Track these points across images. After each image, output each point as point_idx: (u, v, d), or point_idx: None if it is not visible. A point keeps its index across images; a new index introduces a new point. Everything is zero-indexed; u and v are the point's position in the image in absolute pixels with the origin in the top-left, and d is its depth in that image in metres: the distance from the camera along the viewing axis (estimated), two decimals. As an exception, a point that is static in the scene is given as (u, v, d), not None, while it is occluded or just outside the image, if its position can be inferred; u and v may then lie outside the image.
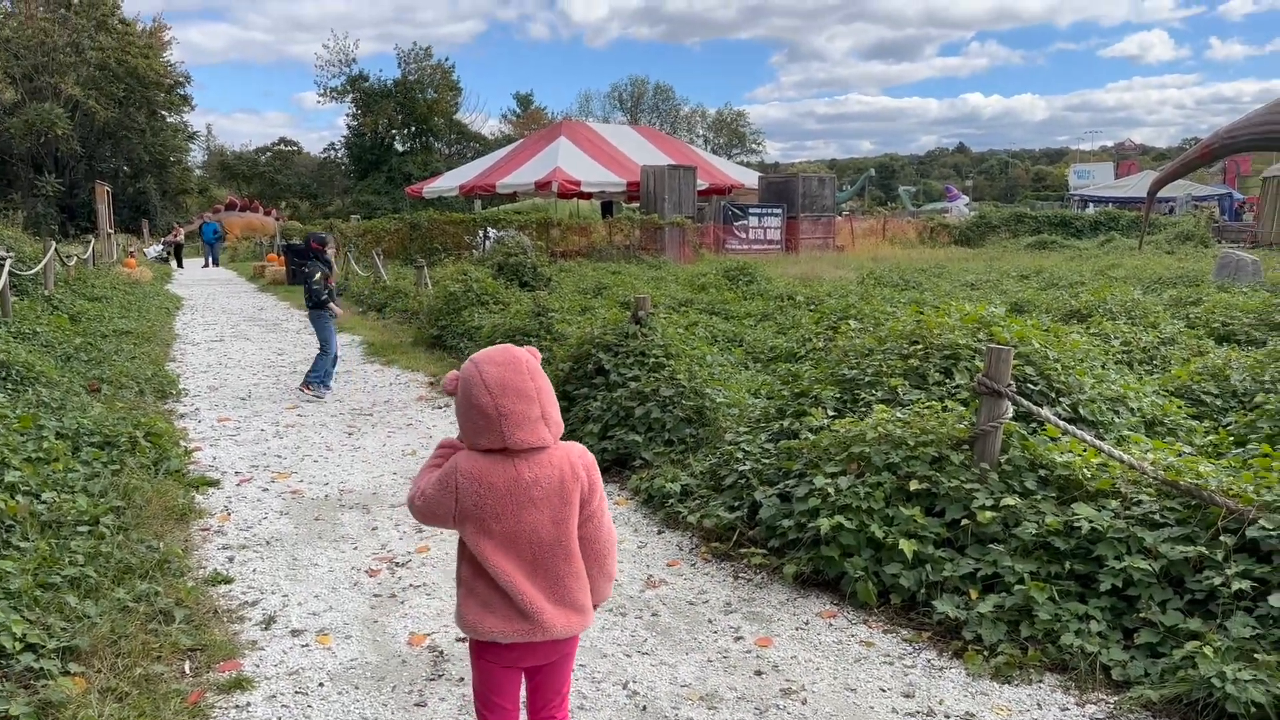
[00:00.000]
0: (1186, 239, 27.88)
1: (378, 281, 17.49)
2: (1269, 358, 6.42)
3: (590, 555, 2.34)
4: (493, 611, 2.26)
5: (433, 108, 54.05)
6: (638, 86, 79.26)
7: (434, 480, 2.28)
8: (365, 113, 53.33)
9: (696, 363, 6.78)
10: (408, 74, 53.97)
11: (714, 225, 27.45)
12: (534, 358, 2.31)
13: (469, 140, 58.12)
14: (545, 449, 2.26)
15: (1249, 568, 3.31)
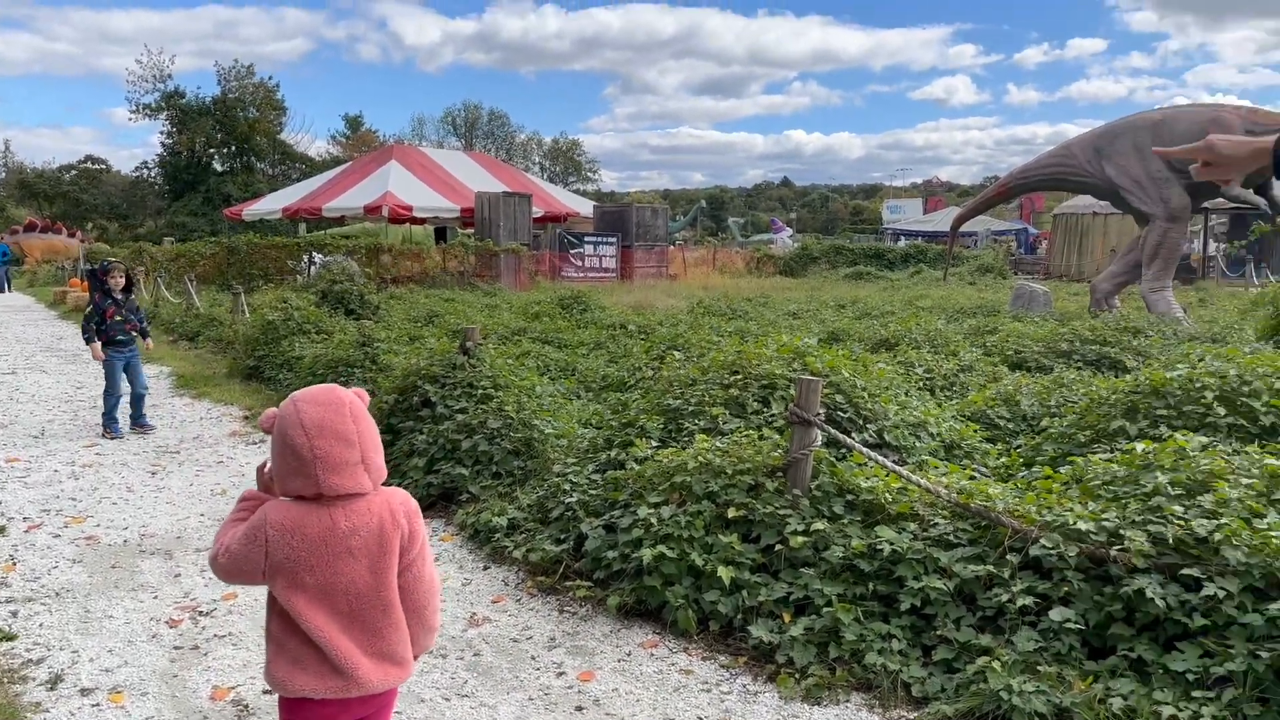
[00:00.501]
0: (987, 271, 30.07)
1: (190, 309, 16.58)
2: (1054, 384, 6.98)
3: (409, 606, 2.27)
4: (304, 668, 2.17)
5: (254, 127, 51.95)
6: (472, 112, 78.77)
7: (240, 535, 2.17)
8: (181, 130, 50.69)
9: (526, 394, 6.76)
10: (228, 91, 51.71)
11: (550, 253, 27.54)
12: (360, 400, 2.24)
13: (294, 161, 56.14)
14: (363, 496, 2.19)
15: (1033, 584, 3.58)
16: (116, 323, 8.16)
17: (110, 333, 8.15)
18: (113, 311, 8.16)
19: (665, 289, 23.89)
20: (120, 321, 8.17)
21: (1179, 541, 3.43)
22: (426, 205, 28.90)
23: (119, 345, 8.22)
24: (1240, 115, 13.92)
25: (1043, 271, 34.73)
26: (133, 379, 8.31)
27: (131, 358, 8.33)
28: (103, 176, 57.26)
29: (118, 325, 8.18)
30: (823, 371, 5.67)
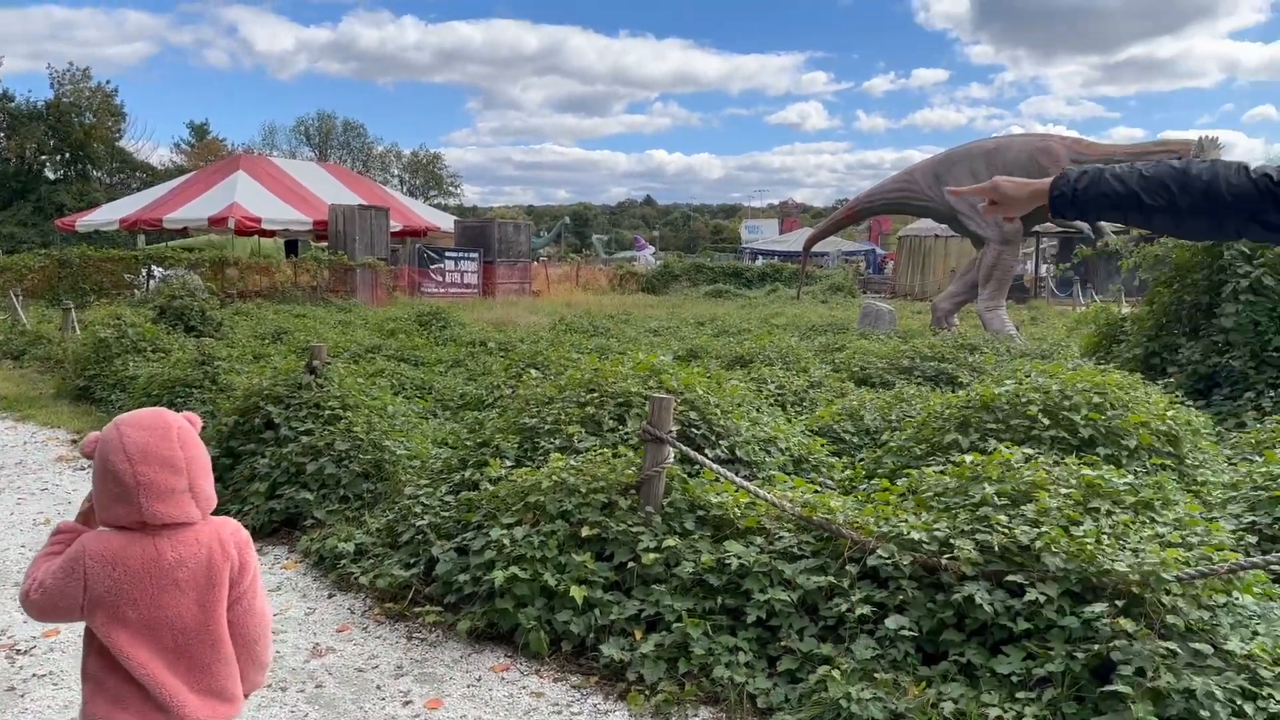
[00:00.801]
0: (838, 290, 31.26)
1: (16, 325, 15.44)
2: (895, 399, 7.30)
3: (239, 641, 2.17)
4: (125, 707, 2.04)
5: (91, 133, 48.97)
6: (326, 122, 76.54)
7: (55, 568, 2.03)
8: (9, 136, 47.30)
9: (377, 414, 6.58)
10: (62, 95, 48.59)
11: (409, 268, 27.00)
12: (191, 425, 2.14)
13: (134, 170, 53.21)
14: (191, 526, 2.09)
15: (870, 593, 3.71)
16: None
17: None
18: None
19: (528, 305, 23.78)
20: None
21: (1004, 549, 3.62)
22: (276, 217, 27.92)
23: None
24: (1066, 145, 14.97)
25: (889, 291, 36.35)
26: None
27: None
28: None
29: None
30: (678, 389, 5.74)
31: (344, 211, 25.91)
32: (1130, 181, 2.02)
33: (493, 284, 28.83)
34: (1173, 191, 1.98)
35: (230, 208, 26.66)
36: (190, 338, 12.15)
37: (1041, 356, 10.32)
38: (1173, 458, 5.30)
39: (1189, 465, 5.35)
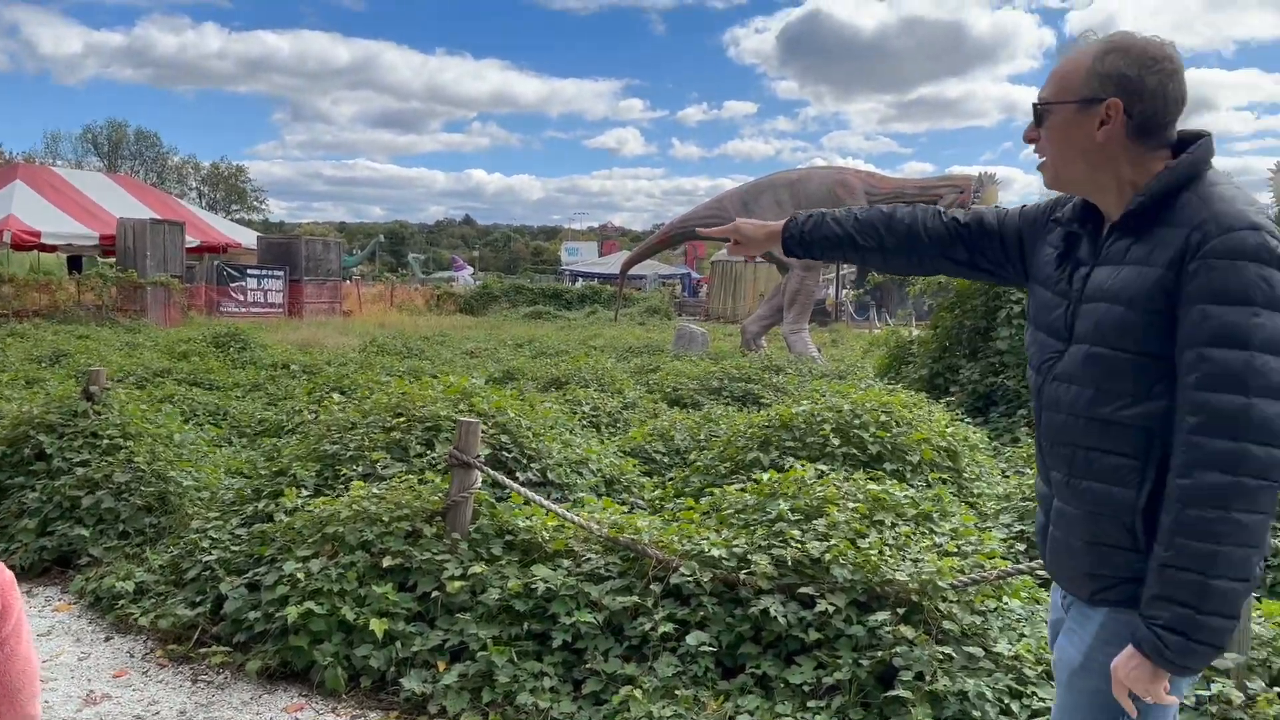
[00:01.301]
0: (654, 312, 31.92)
1: None
2: (704, 419, 7.50)
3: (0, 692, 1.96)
4: None
5: None
6: (117, 131, 71.45)
7: None
8: None
9: (162, 442, 6.15)
10: None
11: (206, 286, 25.52)
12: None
13: (-112, 175, 47.81)
14: None
15: (673, 611, 3.78)
16: None
17: None
18: None
19: (338, 326, 22.95)
20: None
21: (797, 563, 3.78)
22: (58, 231, 25.78)
23: None
24: (861, 178, 15.93)
25: (703, 314, 37.47)
26: None
27: None
28: None
29: None
30: (489, 412, 5.68)
31: (134, 226, 24.22)
32: (846, 225, 2.29)
33: (299, 303, 27.64)
34: (881, 233, 2.25)
35: (5, 220, 24.39)
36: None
37: (839, 377, 10.88)
38: (952, 472, 5.70)
39: (966, 478, 5.77)
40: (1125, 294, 1.81)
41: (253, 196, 77.93)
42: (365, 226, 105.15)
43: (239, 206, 74.11)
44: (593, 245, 69.52)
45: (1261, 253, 1.69)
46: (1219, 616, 1.68)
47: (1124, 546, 1.83)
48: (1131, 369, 1.80)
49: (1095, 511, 1.86)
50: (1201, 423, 1.69)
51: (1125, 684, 1.77)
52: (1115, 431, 1.82)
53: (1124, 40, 1.86)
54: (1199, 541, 1.68)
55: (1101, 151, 1.86)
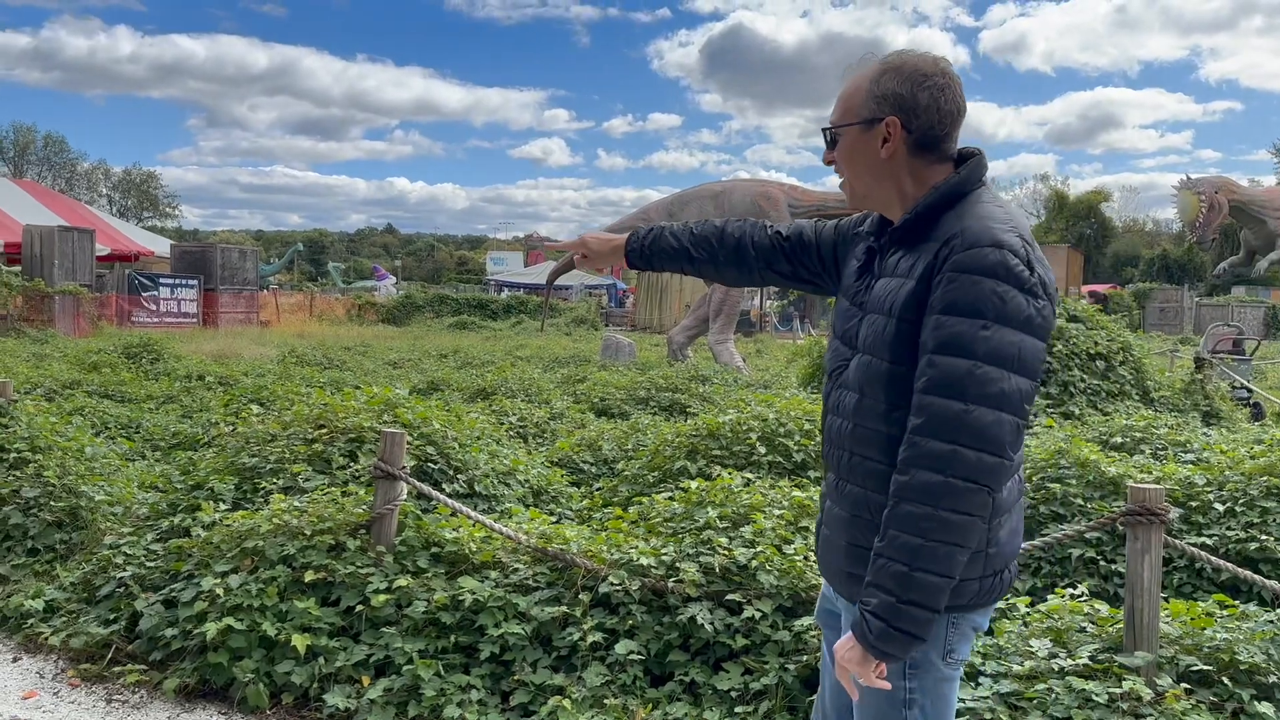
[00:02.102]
0: (581, 323, 31.91)
1: None
2: (631, 429, 7.53)
3: None
4: None
5: None
6: (23, 135, 68.66)
7: None
8: None
9: (73, 456, 5.94)
10: None
11: (117, 295, 24.70)
12: None
13: None
14: None
15: (602, 620, 3.79)
16: None
17: None
18: None
19: (255, 336, 22.41)
20: None
21: (724, 570, 3.82)
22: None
23: None
24: (784, 190, 16.21)
25: (630, 324, 37.58)
26: None
27: None
28: None
29: None
30: (414, 423, 5.61)
31: (41, 233, 23.35)
32: (683, 239, 2.41)
33: (215, 313, 26.95)
34: (714, 246, 2.38)
35: (-105, 224, 23.30)
36: None
37: (764, 386, 11.03)
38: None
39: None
40: (887, 305, 1.92)
41: (166, 203, 75.70)
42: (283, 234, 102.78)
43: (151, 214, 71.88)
44: (519, 255, 69.17)
45: (999, 269, 1.79)
46: (918, 607, 1.77)
47: None
48: (888, 377, 1.91)
49: (855, 514, 1.96)
50: (922, 424, 1.79)
51: (843, 665, 1.87)
52: (874, 437, 1.92)
53: (897, 60, 1.97)
54: (907, 535, 1.77)
55: (887, 168, 1.97)
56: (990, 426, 1.76)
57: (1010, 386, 1.77)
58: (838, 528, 2.02)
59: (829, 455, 2.07)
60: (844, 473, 2.00)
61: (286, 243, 74.64)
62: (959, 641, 1.95)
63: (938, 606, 1.79)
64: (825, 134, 2.05)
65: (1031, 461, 5.01)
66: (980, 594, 1.92)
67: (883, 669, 1.85)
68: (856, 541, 1.95)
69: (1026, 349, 1.79)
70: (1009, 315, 1.77)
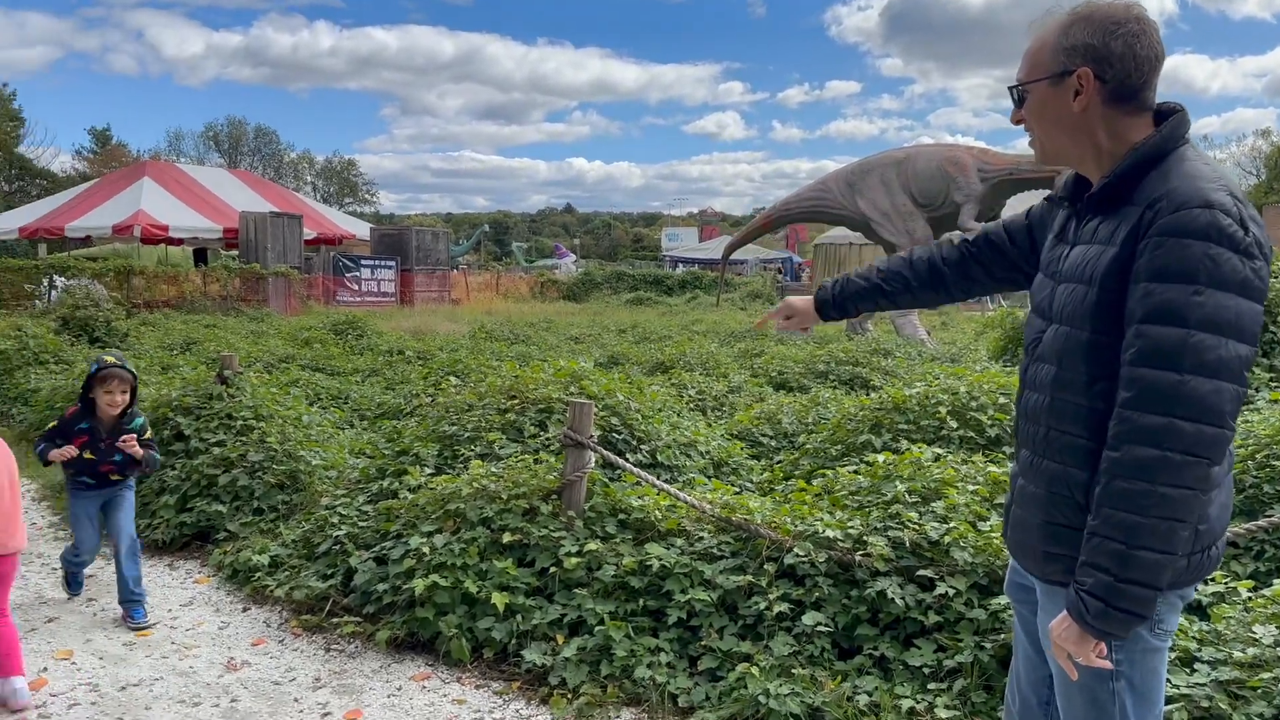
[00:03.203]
0: (756, 297, 31.68)
1: (-98, 337, 14.68)
2: (811, 402, 7.44)
3: None
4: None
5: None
6: (236, 128, 74.51)
7: None
8: (-103, 141, 44.95)
9: (292, 424, 6.45)
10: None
11: (323, 276, 26.48)
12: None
13: (34, 177, 51.03)
14: None
15: (788, 591, 3.79)
16: (86, 463, 4.54)
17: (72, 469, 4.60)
18: (83, 443, 4.48)
19: (447, 314, 23.53)
20: (93, 463, 4.54)
21: (915, 545, 3.74)
22: (184, 225, 27.15)
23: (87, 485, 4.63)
24: (973, 154, 15.48)
25: (808, 297, 36.93)
26: (114, 531, 4.62)
27: (113, 498, 4.66)
28: None
29: (88, 467, 4.56)
30: (598, 394, 5.77)
31: (255, 219, 25.30)
32: (872, 277, 2.45)
33: (410, 292, 28.44)
34: (905, 276, 2.40)
35: (136, 215, 25.82)
36: (95, 349, 11.72)
37: (951, 360, 10.64)
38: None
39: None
40: (1087, 273, 1.83)
41: (364, 189, 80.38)
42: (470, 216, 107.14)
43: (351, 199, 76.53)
44: (693, 231, 69.35)
45: (1210, 231, 1.68)
46: (1139, 585, 1.71)
47: (1076, 526, 1.84)
48: (1088, 348, 1.82)
49: (1052, 491, 1.90)
50: (1133, 397, 1.72)
51: (1060, 645, 1.83)
52: (1073, 411, 1.85)
53: (1086, 9, 1.86)
54: (1124, 512, 1.71)
55: (1080, 122, 1.88)
56: (1208, 396, 1.67)
57: (1228, 353, 1.68)
58: (1032, 506, 1.96)
59: (1024, 431, 2.01)
60: (1040, 449, 1.94)
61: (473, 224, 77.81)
62: (1167, 612, 1.88)
63: (1159, 584, 1.73)
64: (1013, 92, 1.98)
65: (1254, 438, 4.62)
66: (1189, 570, 1.85)
67: (1102, 648, 1.79)
68: (1054, 519, 1.90)
69: (1244, 313, 1.69)
70: (1223, 278, 1.68)
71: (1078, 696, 1.92)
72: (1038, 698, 2.12)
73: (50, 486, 6.83)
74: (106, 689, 3.77)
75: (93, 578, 5.10)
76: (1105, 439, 1.77)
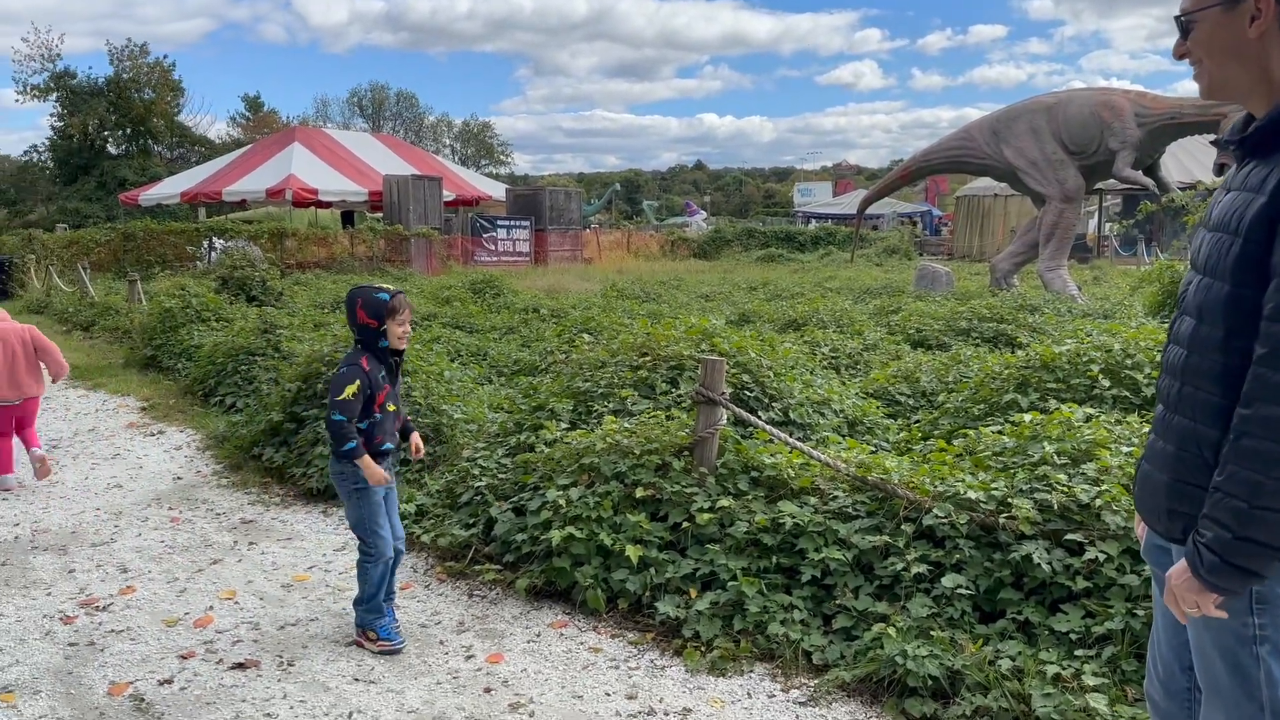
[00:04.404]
0: (893, 252, 30.78)
1: (85, 298, 15.92)
2: (952, 361, 7.21)
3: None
4: None
5: (150, 108, 49.84)
6: (378, 93, 76.91)
7: None
8: (72, 113, 48.29)
9: (435, 379, 6.69)
10: (121, 72, 49.47)
11: (462, 237, 27.21)
12: None
13: (193, 144, 54.09)
14: None
15: (926, 552, 3.70)
16: (388, 416, 3.93)
17: (377, 435, 3.89)
18: (385, 394, 3.89)
19: (579, 273, 23.85)
20: (393, 414, 3.99)
21: (1063, 508, 3.59)
22: (332, 188, 28.27)
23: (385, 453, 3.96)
24: (1130, 99, 14.52)
25: (946, 252, 35.76)
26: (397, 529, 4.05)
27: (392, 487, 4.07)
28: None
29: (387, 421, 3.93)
30: (730, 352, 5.74)
31: (398, 182, 26.14)
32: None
33: (544, 252, 28.93)
34: None
35: (287, 179, 27.05)
36: (252, 307, 12.42)
37: (1104, 316, 10.10)
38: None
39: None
40: (1234, 222, 1.73)
41: (499, 151, 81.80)
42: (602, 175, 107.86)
43: (487, 161, 78.08)
44: (827, 185, 67.83)
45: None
46: (1256, 544, 1.67)
47: (1202, 485, 1.78)
48: (1228, 302, 1.73)
49: (1181, 449, 1.84)
50: (1269, 354, 1.64)
51: (1175, 593, 1.80)
52: (1208, 367, 1.78)
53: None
54: (1249, 470, 1.66)
55: (1254, 49, 1.76)
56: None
57: None
58: (1161, 463, 1.91)
59: (1162, 386, 1.95)
60: (1173, 404, 1.88)
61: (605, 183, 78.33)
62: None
63: (1277, 544, 1.66)
64: (1179, 21, 1.86)
65: None
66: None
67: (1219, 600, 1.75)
68: (1181, 478, 1.84)
69: None
70: None
71: (1219, 662, 1.84)
72: (1180, 662, 2.03)
73: (213, 436, 7.31)
74: (266, 628, 4.03)
75: (252, 523, 5.44)
76: (1239, 396, 1.70)
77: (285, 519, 5.49)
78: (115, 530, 5.29)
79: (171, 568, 4.72)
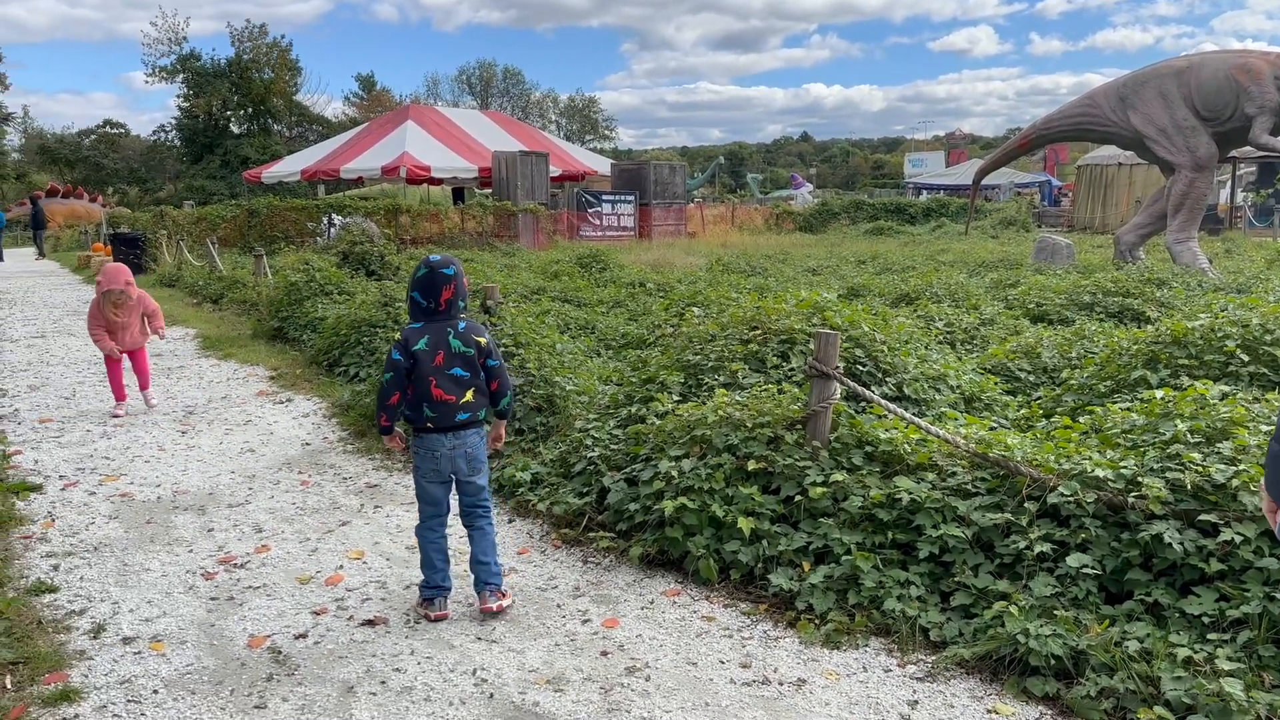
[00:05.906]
0: (1009, 224, 29.77)
1: (213, 272, 16.72)
2: (1075, 336, 6.97)
3: None
4: None
5: (270, 88, 51.79)
6: (486, 70, 78.12)
7: None
8: (197, 93, 50.56)
9: (547, 351, 6.82)
10: (242, 53, 51.49)
11: (568, 212, 27.50)
12: None
13: (311, 123, 56.05)
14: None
15: (1050, 531, 3.62)
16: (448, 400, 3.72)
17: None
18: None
19: (684, 247, 23.81)
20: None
21: (1197, 488, 3.45)
22: (444, 165, 28.89)
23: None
24: (1270, 61, 13.65)
25: (1066, 224, 34.37)
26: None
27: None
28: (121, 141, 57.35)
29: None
30: (842, 326, 5.68)
31: (506, 159, 26.54)
32: None
33: (648, 226, 28.99)
34: None
35: (401, 157, 27.77)
36: (371, 281, 12.84)
37: (1237, 290, 9.59)
38: (1393, 397, 4.87)
39: None
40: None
41: (604, 126, 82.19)
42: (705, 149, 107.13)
43: (592, 136, 78.58)
44: (939, 155, 65.87)
45: None
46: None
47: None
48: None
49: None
50: None
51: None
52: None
53: None
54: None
55: None
56: None
57: None
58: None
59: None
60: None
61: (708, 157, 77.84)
62: None
63: None
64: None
65: None
66: None
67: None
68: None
69: None
70: None
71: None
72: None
73: (339, 405, 7.62)
74: (393, 587, 4.21)
75: (377, 488, 5.66)
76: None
77: (408, 484, 5.70)
78: (249, 492, 5.59)
79: (303, 528, 4.97)
